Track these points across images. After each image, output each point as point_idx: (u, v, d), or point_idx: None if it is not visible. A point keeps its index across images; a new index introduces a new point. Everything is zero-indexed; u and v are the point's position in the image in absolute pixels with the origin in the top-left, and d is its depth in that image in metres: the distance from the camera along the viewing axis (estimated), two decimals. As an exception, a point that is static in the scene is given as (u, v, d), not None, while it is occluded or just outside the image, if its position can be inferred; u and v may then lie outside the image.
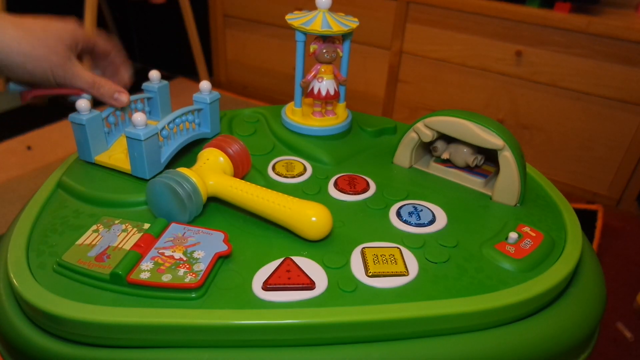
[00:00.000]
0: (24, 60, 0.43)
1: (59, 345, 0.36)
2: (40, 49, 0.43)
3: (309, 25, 0.54)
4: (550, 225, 0.47)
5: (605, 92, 1.34)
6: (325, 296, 0.38)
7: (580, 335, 0.41)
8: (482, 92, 1.52)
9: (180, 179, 0.43)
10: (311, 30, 0.54)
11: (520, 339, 0.38)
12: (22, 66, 0.43)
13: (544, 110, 1.45)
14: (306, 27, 0.54)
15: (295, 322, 0.35)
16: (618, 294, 1.14)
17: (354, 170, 0.55)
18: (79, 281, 0.38)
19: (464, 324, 0.37)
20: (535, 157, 1.51)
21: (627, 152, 1.37)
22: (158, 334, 0.35)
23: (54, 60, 0.44)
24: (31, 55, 0.43)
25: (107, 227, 0.43)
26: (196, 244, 0.41)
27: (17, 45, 0.42)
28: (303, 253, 0.42)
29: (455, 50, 1.51)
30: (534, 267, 0.42)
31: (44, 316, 0.36)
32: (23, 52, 0.42)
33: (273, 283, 0.38)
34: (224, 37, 1.96)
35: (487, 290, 0.39)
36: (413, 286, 0.39)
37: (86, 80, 0.47)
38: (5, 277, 0.40)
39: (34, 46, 0.43)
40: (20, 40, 0.42)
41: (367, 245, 0.43)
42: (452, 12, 1.46)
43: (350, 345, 0.36)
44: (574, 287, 0.43)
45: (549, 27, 1.34)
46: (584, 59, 1.33)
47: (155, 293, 0.37)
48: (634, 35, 1.24)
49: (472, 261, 0.42)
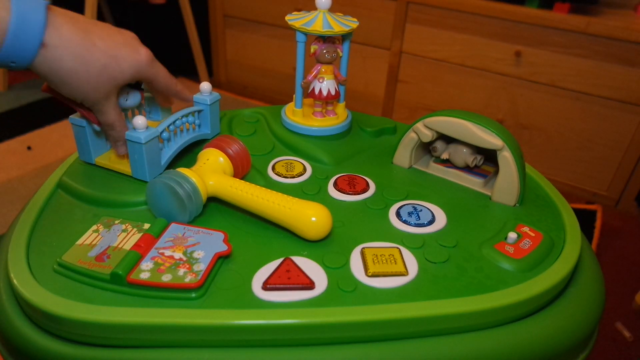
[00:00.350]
0: (69, 90, 0.42)
1: (59, 345, 0.36)
2: (89, 86, 0.42)
3: (310, 26, 0.54)
4: (550, 225, 0.47)
5: (605, 92, 1.34)
6: (325, 296, 0.38)
7: (580, 335, 0.41)
8: (481, 92, 1.52)
9: (180, 179, 0.43)
10: (313, 30, 0.54)
11: (520, 338, 0.38)
12: (65, 90, 0.43)
13: (543, 110, 1.45)
14: (307, 27, 0.54)
15: (295, 322, 0.35)
16: (617, 293, 1.14)
17: (354, 170, 0.55)
18: (79, 281, 0.38)
19: (464, 324, 0.37)
20: (535, 157, 1.51)
21: (627, 152, 1.37)
22: (158, 334, 0.35)
23: (92, 96, 0.44)
24: (78, 88, 0.42)
25: (107, 227, 0.44)
26: (196, 244, 0.41)
27: (71, 79, 0.41)
28: (303, 253, 0.42)
29: (454, 50, 1.51)
30: (533, 267, 0.42)
31: (44, 316, 0.36)
32: (75, 85, 0.42)
33: (273, 283, 0.38)
34: (223, 37, 1.96)
35: (487, 290, 0.39)
36: (413, 286, 0.39)
37: (107, 119, 0.47)
38: (5, 277, 0.40)
39: (87, 81, 0.42)
40: (77, 75, 0.41)
41: (366, 245, 0.43)
42: (451, 12, 1.46)
43: (350, 345, 0.36)
44: (573, 287, 0.43)
45: (548, 28, 1.34)
46: (583, 59, 1.33)
47: (155, 293, 0.37)
48: (633, 35, 1.24)
49: (471, 261, 0.42)
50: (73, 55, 0.40)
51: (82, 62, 0.41)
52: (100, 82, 0.43)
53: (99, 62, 0.42)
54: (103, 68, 0.42)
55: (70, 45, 0.40)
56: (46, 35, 0.39)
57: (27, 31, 0.37)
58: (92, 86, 0.43)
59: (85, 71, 0.41)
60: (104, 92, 0.44)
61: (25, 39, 0.37)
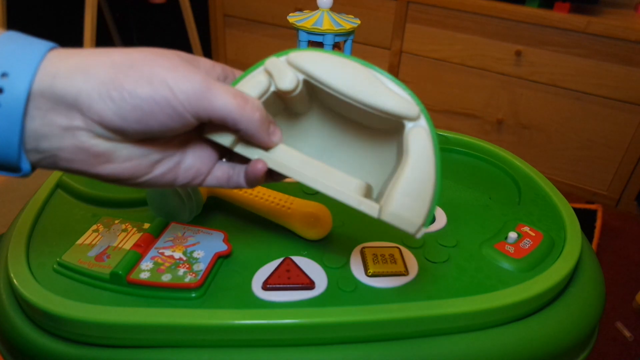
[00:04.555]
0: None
1: (59, 344, 0.36)
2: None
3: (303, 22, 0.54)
4: (550, 225, 0.47)
5: (605, 92, 1.34)
6: (325, 296, 0.38)
7: (580, 335, 0.41)
8: (482, 92, 1.52)
9: (180, 178, 0.43)
10: (301, 27, 0.54)
11: (520, 338, 0.38)
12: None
13: (543, 110, 1.45)
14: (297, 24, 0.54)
15: (295, 321, 0.35)
16: (617, 293, 1.14)
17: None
18: (79, 281, 0.38)
19: (464, 324, 0.37)
20: (535, 156, 1.51)
21: (627, 152, 1.37)
22: (158, 334, 0.35)
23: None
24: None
25: (107, 227, 0.43)
26: (196, 243, 0.41)
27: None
28: (303, 253, 0.42)
29: (455, 50, 1.51)
30: (533, 266, 0.42)
31: (44, 316, 0.36)
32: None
33: (273, 283, 0.38)
34: (224, 37, 1.95)
35: (487, 290, 0.39)
36: (413, 286, 0.39)
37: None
38: (5, 276, 0.40)
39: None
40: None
41: (366, 245, 0.43)
42: (452, 12, 1.46)
43: (350, 345, 0.36)
44: (573, 287, 0.43)
45: (549, 27, 1.34)
46: (584, 59, 1.33)
47: (155, 293, 0.37)
48: (634, 35, 1.24)
49: (471, 261, 0.42)
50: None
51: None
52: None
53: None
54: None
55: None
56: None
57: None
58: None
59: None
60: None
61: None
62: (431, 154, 0.28)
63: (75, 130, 0.24)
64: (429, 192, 0.28)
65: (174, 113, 0.25)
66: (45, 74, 0.23)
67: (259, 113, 0.28)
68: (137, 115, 0.24)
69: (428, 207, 0.29)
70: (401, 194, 0.28)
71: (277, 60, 0.29)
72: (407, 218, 0.29)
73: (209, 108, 0.26)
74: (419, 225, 0.29)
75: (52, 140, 0.24)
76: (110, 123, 0.24)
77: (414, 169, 0.28)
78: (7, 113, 0.23)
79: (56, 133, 0.24)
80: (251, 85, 0.29)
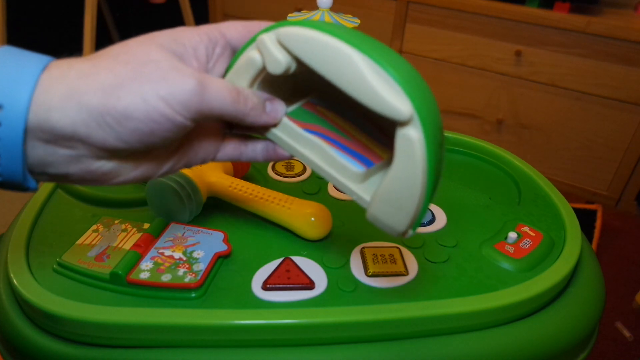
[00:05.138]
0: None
1: (59, 344, 0.36)
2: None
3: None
4: (550, 225, 0.47)
5: (605, 92, 1.34)
6: (325, 296, 0.38)
7: (580, 335, 0.41)
8: (481, 92, 1.52)
9: (180, 178, 0.43)
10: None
11: (520, 338, 0.38)
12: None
13: (543, 110, 1.45)
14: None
15: (295, 322, 0.35)
16: (617, 293, 1.14)
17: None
18: (79, 281, 0.38)
19: (464, 324, 0.37)
20: (535, 156, 1.51)
21: (627, 152, 1.37)
22: (158, 334, 0.35)
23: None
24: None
25: (107, 227, 0.43)
26: (196, 243, 0.41)
27: None
28: (303, 253, 0.42)
29: (455, 50, 1.51)
30: (533, 266, 0.42)
31: (44, 316, 0.36)
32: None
33: (273, 283, 0.38)
34: (223, 37, 1.95)
35: (487, 290, 0.39)
36: (412, 286, 0.39)
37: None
38: (5, 276, 0.40)
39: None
40: None
41: (366, 245, 0.43)
42: (452, 12, 1.46)
43: (350, 345, 0.36)
44: (573, 287, 0.43)
45: (549, 27, 1.34)
46: (584, 59, 1.33)
47: (155, 293, 0.37)
48: (634, 35, 1.24)
49: (471, 261, 0.42)
50: None
51: None
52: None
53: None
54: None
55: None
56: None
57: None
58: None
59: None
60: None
61: None
62: (419, 165, 0.25)
63: (80, 158, 0.24)
64: (412, 204, 0.26)
65: (173, 126, 0.25)
66: (39, 105, 0.23)
67: (251, 103, 0.28)
68: (137, 136, 0.24)
69: (411, 217, 0.27)
70: (381, 201, 0.27)
71: (267, 39, 0.27)
72: (388, 224, 0.28)
73: (206, 109, 0.26)
74: (401, 231, 0.28)
75: (58, 167, 0.25)
76: (113, 146, 0.24)
77: (395, 180, 0.26)
78: (7, 145, 0.23)
79: (61, 161, 0.24)
80: (245, 67, 0.29)
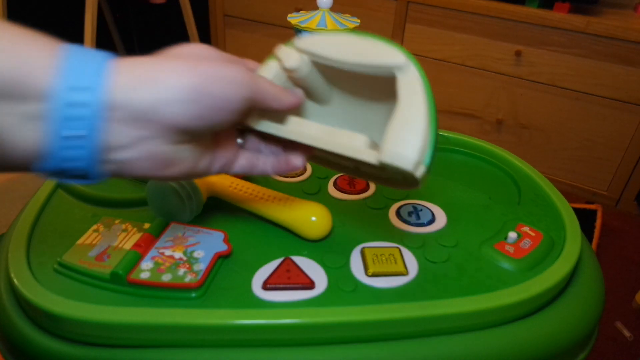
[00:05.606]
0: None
1: (59, 344, 0.36)
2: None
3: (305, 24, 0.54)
4: (550, 225, 0.47)
5: (605, 92, 1.34)
6: (325, 296, 0.38)
7: (580, 335, 0.41)
8: (481, 92, 1.52)
9: (180, 178, 0.43)
10: (306, 28, 0.54)
11: (520, 338, 0.38)
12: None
13: (543, 110, 1.45)
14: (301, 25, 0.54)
15: (295, 321, 0.35)
16: (617, 293, 1.14)
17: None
18: (80, 281, 0.38)
19: (464, 324, 0.37)
20: (535, 156, 1.51)
21: (627, 152, 1.37)
22: (158, 334, 0.35)
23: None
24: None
25: (108, 227, 0.44)
26: (196, 243, 0.41)
27: None
28: (303, 253, 0.42)
29: (455, 50, 1.51)
30: (533, 266, 0.42)
31: (45, 315, 0.36)
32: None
33: (273, 283, 0.38)
34: (224, 37, 1.95)
35: (487, 290, 0.39)
36: (413, 286, 0.39)
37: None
38: (5, 276, 0.40)
39: None
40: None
41: (366, 245, 0.43)
42: (452, 12, 1.46)
43: (350, 345, 0.36)
44: (573, 287, 0.43)
45: (548, 27, 1.34)
46: (583, 59, 1.33)
47: (155, 293, 0.37)
48: (633, 35, 1.24)
49: (471, 261, 0.42)
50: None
51: None
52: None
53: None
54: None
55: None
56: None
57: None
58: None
59: None
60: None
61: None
62: (420, 92, 0.30)
63: (148, 139, 0.26)
64: (421, 126, 0.29)
65: (240, 106, 0.28)
66: (119, 87, 0.24)
67: (280, 87, 0.32)
68: (211, 113, 0.27)
69: (422, 141, 0.29)
70: (393, 131, 0.30)
71: (285, 47, 0.34)
72: (402, 153, 0.29)
73: (259, 94, 0.30)
74: (416, 160, 0.29)
75: (124, 151, 0.26)
76: (184, 126, 0.26)
77: (404, 107, 0.30)
78: (87, 127, 0.24)
79: (129, 143, 0.25)
80: (265, 71, 0.35)
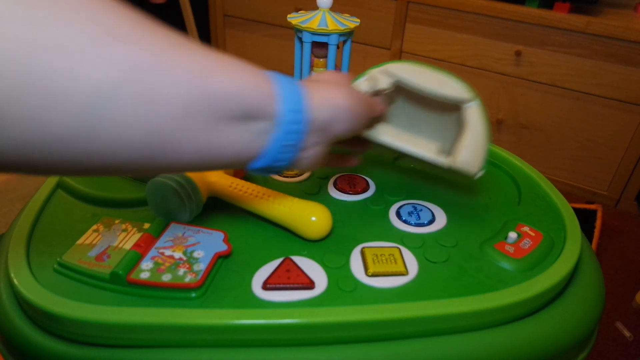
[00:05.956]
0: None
1: (59, 344, 0.36)
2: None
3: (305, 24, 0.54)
4: (550, 225, 0.47)
5: (605, 92, 1.34)
6: (325, 296, 0.38)
7: (580, 335, 0.41)
8: (481, 92, 1.52)
9: (180, 178, 0.43)
10: (306, 28, 0.54)
11: (520, 338, 0.38)
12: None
13: (543, 110, 1.45)
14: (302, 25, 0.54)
15: (295, 321, 0.35)
16: (617, 293, 1.14)
17: (354, 170, 0.55)
18: (79, 281, 0.38)
19: (464, 324, 0.37)
20: (535, 156, 1.51)
21: (627, 152, 1.37)
22: (158, 334, 0.35)
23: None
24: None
25: (107, 227, 0.44)
26: (196, 243, 0.41)
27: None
28: (303, 253, 0.42)
29: (455, 50, 1.51)
30: (533, 266, 0.42)
31: (44, 315, 0.36)
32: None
33: (273, 283, 0.38)
34: (224, 37, 1.95)
35: (487, 290, 0.39)
36: (413, 286, 0.39)
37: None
38: (5, 276, 0.40)
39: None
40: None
41: (366, 245, 0.43)
42: (451, 12, 1.46)
43: (350, 345, 0.36)
44: (573, 287, 0.43)
45: (549, 27, 1.34)
46: (584, 59, 1.33)
47: (155, 293, 0.37)
48: (633, 35, 1.24)
49: (471, 261, 0.42)
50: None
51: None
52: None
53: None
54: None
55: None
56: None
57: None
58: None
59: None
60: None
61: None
62: (482, 123, 0.42)
63: (320, 144, 0.33)
64: (482, 148, 0.42)
65: (368, 119, 0.38)
66: (314, 108, 0.31)
67: (374, 100, 0.41)
68: (356, 126, 0.36)
69: (482, 158, 0.43)
70: (465, 150, 0.42)
71: (375, 71, 0.44)
72: (471, 165, 0.43)
73: (372, 108, 0.39)
74: (478, 169, 0.43)
75: (305, 152, 0.32)
76: (341, 135, 0.35)
77: (472, 133, 0.42)
78: (298, 138, 0.31)
79: (309, 146, 0.32)
80: (360, 87, 0.44)
